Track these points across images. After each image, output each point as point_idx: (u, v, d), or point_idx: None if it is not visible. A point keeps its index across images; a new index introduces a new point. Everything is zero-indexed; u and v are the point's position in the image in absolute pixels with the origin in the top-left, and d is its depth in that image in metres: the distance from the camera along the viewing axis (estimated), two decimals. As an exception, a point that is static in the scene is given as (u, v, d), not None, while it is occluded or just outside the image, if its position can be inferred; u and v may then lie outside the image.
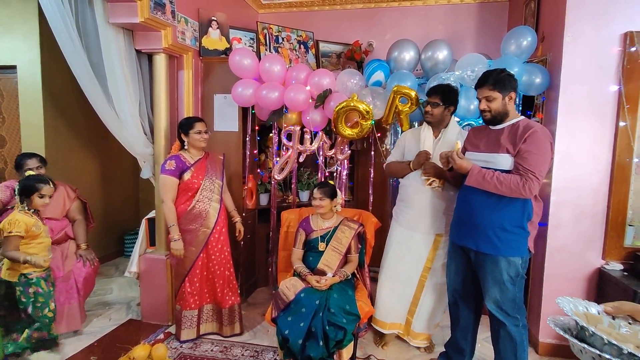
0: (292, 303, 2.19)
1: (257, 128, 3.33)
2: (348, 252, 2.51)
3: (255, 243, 3.49)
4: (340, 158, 3.10)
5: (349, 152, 3.13)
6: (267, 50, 3.41)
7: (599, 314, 1.35)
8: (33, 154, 2.65)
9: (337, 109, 2.70)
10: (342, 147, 3.08)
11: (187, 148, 2.60)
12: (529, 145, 1.86)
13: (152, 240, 2.96)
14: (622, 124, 2.36)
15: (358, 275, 2.62)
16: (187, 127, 2.57)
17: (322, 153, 3.10)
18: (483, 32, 3.72)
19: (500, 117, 1.99)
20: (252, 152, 3.26)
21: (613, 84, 2.38)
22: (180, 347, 2.58)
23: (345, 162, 3.16)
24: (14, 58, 3.27)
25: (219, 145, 3.06)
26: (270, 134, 3.41)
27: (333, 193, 2.54)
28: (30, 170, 2.47)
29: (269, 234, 3.39)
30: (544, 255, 2.53)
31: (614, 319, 1.33)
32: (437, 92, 2.35)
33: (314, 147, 3.04)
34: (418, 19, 3.84)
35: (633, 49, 2.31)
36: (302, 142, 3.06)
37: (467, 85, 2.70)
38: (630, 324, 1.30)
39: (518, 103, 2.72)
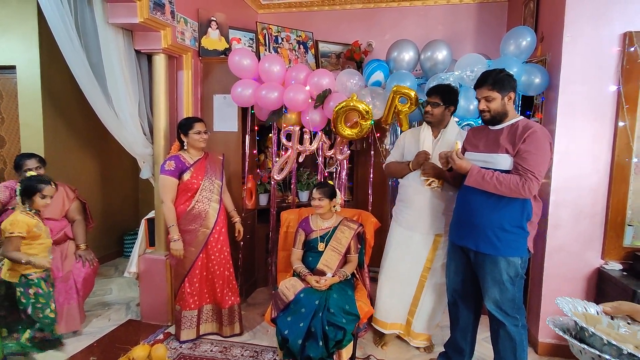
0: (291, 303, 2.19)
1: (256, 128, 3.32)
2: (347, 252, 2.51)
3: (255, 243, 3.49)
4: (340, 158, 3.10)
5: (349, 152, 3.13)
6: (266, 51, 3.41)
7: (598, 314, 1.34)
8: (32, 155, 2.64)
9: (336, 109, 2.70)
10: (341, 147, 3.08)
11: (186, 148, 2.60)
12: (528, 146, 1.87)
13: (151, 241, 2.95)
14: (621, 124, 2.36)
15: (357, 276, 2.62)
16: (186, 127, 2.56)
17: (321, 153, 3.09)
18: (482, 32, 3.72)
19: (500, 117, 1.99)
20: (251, 152, 3.26)
21: (612, 84, 2.38)
22: (180, 347, 2.58)
23: (345, 162, 3.16)
24: (13, 58, 3.27)
25: (219, 146, 3.06)
26: (270, 134, 3.41)
27: (332, 193, 2.55)
28: (30, 171, 2.47)
29: (269, 234, 3.38)
30: (544, 255, 2.53)
31: (613, 319, 1.33)
32: (437, 92, 2.35)
33: (314, 147, 3.04)
34: (417, 19, 3.84)
35: (632, 49, 2.31)
36: (301, 142, 3.06)
37: (466, 86, 2.70)
38: (629, 324, 1.30)
39: (517, 103, 2.72)
